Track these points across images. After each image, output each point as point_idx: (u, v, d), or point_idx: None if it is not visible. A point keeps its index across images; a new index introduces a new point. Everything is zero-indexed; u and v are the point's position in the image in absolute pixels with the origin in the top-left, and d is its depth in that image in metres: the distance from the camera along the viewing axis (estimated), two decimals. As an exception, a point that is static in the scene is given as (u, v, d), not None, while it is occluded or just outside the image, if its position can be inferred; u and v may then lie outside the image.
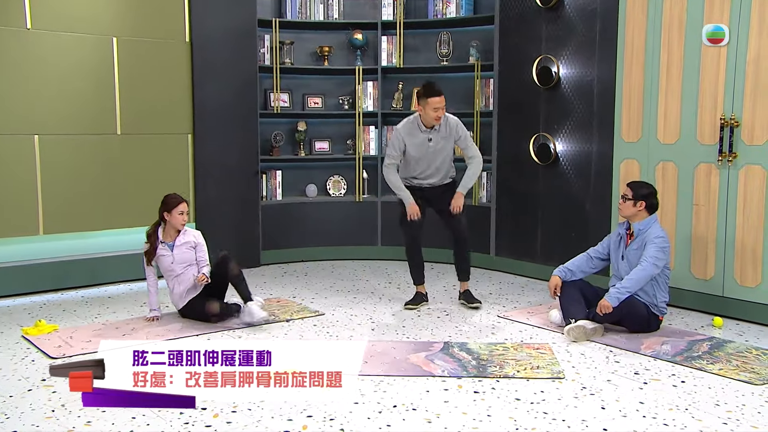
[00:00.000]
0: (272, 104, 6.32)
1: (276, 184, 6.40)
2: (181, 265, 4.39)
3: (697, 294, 4.65)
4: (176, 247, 4.38)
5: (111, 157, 5.47)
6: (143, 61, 5.54)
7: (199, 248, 4.44)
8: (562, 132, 5.52)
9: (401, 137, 4.62)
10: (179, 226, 4.37)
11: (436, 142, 4.62)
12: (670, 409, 3.10)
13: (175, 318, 4.49)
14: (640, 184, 4.27)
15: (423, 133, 4.62)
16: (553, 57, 5.49)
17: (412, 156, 4.65)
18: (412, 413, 3.04)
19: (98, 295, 5.19)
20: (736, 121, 4.36)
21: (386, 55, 6.43)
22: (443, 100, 4.52)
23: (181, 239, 4.40)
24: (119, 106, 5.45)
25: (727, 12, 4.35)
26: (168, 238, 4.39)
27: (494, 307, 4.83)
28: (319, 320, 4.50)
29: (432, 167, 4.68)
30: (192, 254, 4.41)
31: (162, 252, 4.37)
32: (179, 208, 4.34)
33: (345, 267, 6.20)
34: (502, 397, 3.21)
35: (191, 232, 4.47)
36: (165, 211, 4.36)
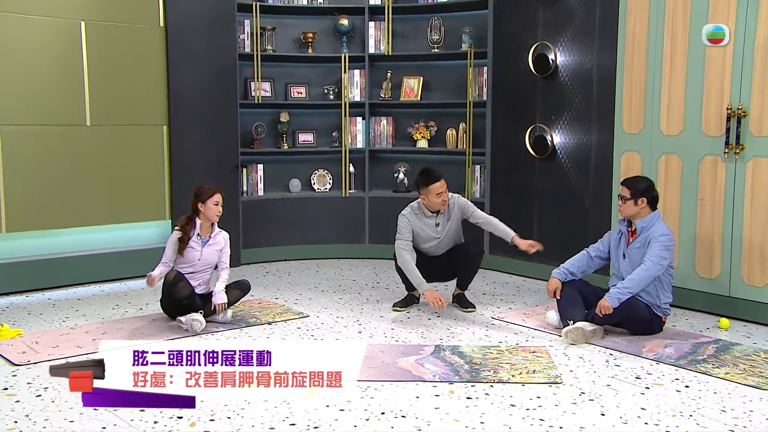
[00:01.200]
0: (253, 94, 6.29)
1: (257, 178, 6.38)
2: (205, 266, 4.46)
3: (702, 294, 4.66)
4: (207, 245, 4.45)
5: (80, 150, 5.41)
6: (114, 46, 5.49)
7: (224, 252, 4.53)
8: (559, 123, 5.53)
9: (409, 222, 4.72)
10: (214, 217, 4.44)
11: (443, 226, 4.74)
12: (674, 415, 3.10)
13: (148, 321, 4.46)
14: (636, 180, 4.26)
15: (429, 218, 4.74)
16: (551, 44, 5.49)
17: (420, 238, 4.76)
18: (401, 420, 3.03)
19: (66, 297, 5.15)
20: (744, 111, 4.37)
21: (374, 42, 6.41)
22: (444, 184, 4.64)
23: (214, 239, 4.47)
24: (89, 96, 5.40)
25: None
26: (204, 232, 4.45)
27: (488, 309, 4.83)
28: (303, 323, 4.49)
29: (440, 248, 4.79)
30: (216, 258, 4.50)
31: (194, 245, 4.41)
32: (214, 199, 4.41)
33: (330, 266, 6.18)
34: (496, 403, 3.21)
35: (222, 234, 4.54)
36: (199, 202, 4.42)
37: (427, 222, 4.73)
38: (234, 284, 4.54)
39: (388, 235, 4.90)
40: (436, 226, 4.73)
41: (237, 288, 4.52)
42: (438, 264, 4.78)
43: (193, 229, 4.42)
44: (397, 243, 4.69)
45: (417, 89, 6.49)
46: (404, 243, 4.67)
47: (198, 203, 4.42)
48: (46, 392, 3.32)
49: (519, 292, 5.32)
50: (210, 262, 4.47)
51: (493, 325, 4.47)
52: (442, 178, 4.65)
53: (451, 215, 4.74)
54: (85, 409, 3.09)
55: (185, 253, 4.38)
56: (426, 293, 4.51)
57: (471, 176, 6.16)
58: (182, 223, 4.44)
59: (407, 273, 4.62)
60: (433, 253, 4.80)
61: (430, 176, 4.65)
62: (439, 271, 4.79)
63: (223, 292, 4.37)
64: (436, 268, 4.76)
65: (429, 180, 4.63)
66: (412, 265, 4.60)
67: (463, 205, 4.76)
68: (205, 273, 4.48)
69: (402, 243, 4.68)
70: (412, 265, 4.60)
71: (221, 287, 4.39)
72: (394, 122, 6.60)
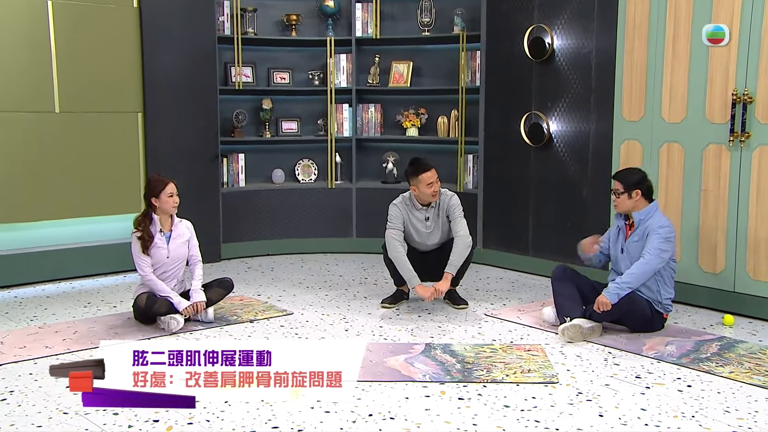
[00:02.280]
0: (233, 79, 6.26)
1: (238, 169, 6.36)
2: (176, 262, 4.40)
3: (705, 289, 4.68)
4: (172, 239, 4.38)
5: (48, 138, 5.37)
6: (84, 28, 5.44)
7: (192, 243, 4.46)
8: (556, 110, 5.52)
9: (401, 212, 4.70)
10: (171, 210, 4.36)
11: (433, 221, 4.72)
12: (675, 416, 3.11)
13: (123, 320, 4.44)
14: (628, 173, 4.26)
15: (419, 212, 4.72)
16: (547, 26, 5.48)
17: (408, 232, 4.75)
18: (390, 423, 3.02)
19: (34, 294, 5.11)
20: (750, 97, 4.38)
21: (361, 25, 6.39)
22: (435, 174, 4.63)
23: (176, 231, 4.41)
24: (57, 80, 5.35)
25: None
26: (165, 227, 4.38)
27: (481, 305, 4.83)
28: (287, 320, 4.48)
29: (430, 243, 4.78)
30: (185, 250, 4.43)
31: (159, 243, 4.34)
32: (167, 190, 4.32)
33: (316, 261, 6.17)
34: (490, 404, 3.21)
35: (184, 224, 4.48)
36: (152, 196, 4.33)
37: (416, 215, 4.72)
38: (216, 282, 4.51)
39: (376, 228, 4.89)
40: (426, 221, 4.73)
41: (220, 287, 4.49)
42: (428, 260, 4.76)
43: (153, 226, 4.33)
44: (388, 232, 4.67)
45: (407, 74, 6.47)
46: (396, 233, 4.66)
47: (152, 198, 4.32)
48: (12, 396, 3.29)
49: (514, 288, 5.33)
50: (180, 257, 4.41)
51: (486, 322, 4.47)
52: (433, 167, 4.64)
53: (441, 211, 4.73)
54: (54, 414, 3.08)
55: (152, 254, 4.31)
56: (417, 288, 4.51)
57: (463, 166, 6.16)
58: (139, 221, 4.34)
59: (398, 265, 4.60)
60: (422, 249, 4.79)
61: (420, 166, 4.63)
62: (429, 267, 4.75)
63: (200, 290, 4.34)
64: (425, 264, 4.74)
65: (419, 169, 4.62)
66: (403, 257, 4.59)
67: (454, 205, 4.72)
68: (177, 270, 4.43)
69: (393, 233, 4.66)
70: (403, 257, 4.59)
71: (198, 285, 4.36)
72: (382, 109, 6.58)
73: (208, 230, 6.00)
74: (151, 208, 4.35)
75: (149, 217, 4.34)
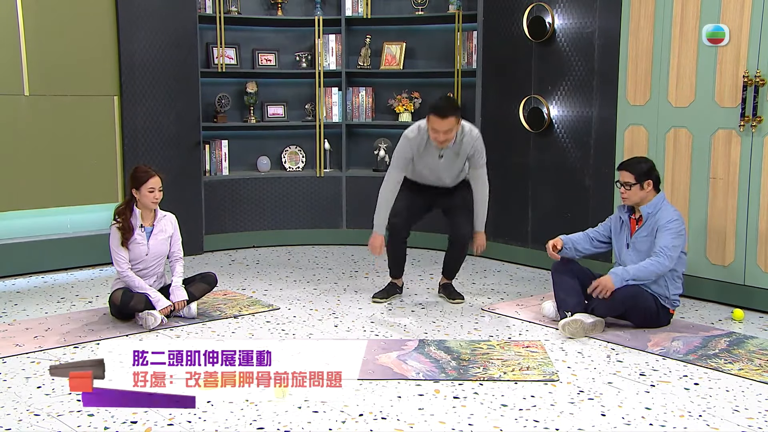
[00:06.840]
0: (216, 61, 6.25)
1: (221, 156, 6.35)
2: (156, 259, 4.37)
3: (713, 282, 4.70)
4: (153, 235, 4.35)
5: (17, 123, 5.34)
6: (55, 4, 5.40)
7: (175, 239, 4.44)
8: (557, 94, 5.52)
9: (410, 147, 4.55)
10: (151, 205, 4.32)
11: (448, 157, 4.56)
12: (681, 415, 3.12)
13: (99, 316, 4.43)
14: (636, 162, 4.23)
15: (433, 148, 4.54)
16: (547, 5, 5.47)
17: (418, 168, 4.63)
18: (381, 423, 3.02)
19: (4, 289, 5.10)
20: (762, 79, 4.38)
21: (351, 4, 6.38)
22: (447, 125, 4.30)
23: (158, 226, 4.38)
24: (26, 61, 5.31)
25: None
26: (146, 221, 4.34)
27: (478, 299, 4.84)
28: (273, 316, 4.48)
29: (441, 180, 4.68)
30: (167, 247, 4.41)
31: (138, 239, 4.30)
32: (148, 185, 4.26)
33: (304, 253, 6.18)
34: (486, 403, 3.21)
35: (168, 219, 4.44)
36: (133, 187, 4.29)
37: (429, 151, 4.54)
38: (199, 277, 4.50)
39: (367, 219, 4.88)
40: (439, 158, 4.55)
41: (203, 281, 4.48)
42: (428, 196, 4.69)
43: (134, 219, 4.30)
44: (390, 170, 4.60)
45: (399, 56, 6.46)
46: (395, 172, 4.56)
47: (132, 189, 4.29)
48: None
49: (512, 281, 5.34)
50: (160, 254, 4.38)
51: (483, 317, 4.47)
52: (448, 116, 4.28)
53: (460, 150, 4.55)
54: (24, 416, 3.06)
55: (130, 249, 4.28)
56: (374, 235, 4.55)
57: (459, 153, 6.15)
58: (120, 211, 4.30)
59: (377, 209, 4.59)
60: (428, 182, 4.69)
61: (435, 107, 4.36)
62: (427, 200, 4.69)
63: (181, 287, 4.33)
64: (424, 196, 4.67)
65: (432, 109, 4.36)
66: (385, 203, 4.57)
67: (478, 149, 4.56)
68: (157, 266, 4.40)
69: (394, 172, 4.57)
70: (385, 203, 4.57)
71: (178, 282, 4.35)
72: (373, 93, 6.57)
73: (190, 221, 5.99)
74: (132, 200, 4.33)
75: (131, 208, 4.31)
